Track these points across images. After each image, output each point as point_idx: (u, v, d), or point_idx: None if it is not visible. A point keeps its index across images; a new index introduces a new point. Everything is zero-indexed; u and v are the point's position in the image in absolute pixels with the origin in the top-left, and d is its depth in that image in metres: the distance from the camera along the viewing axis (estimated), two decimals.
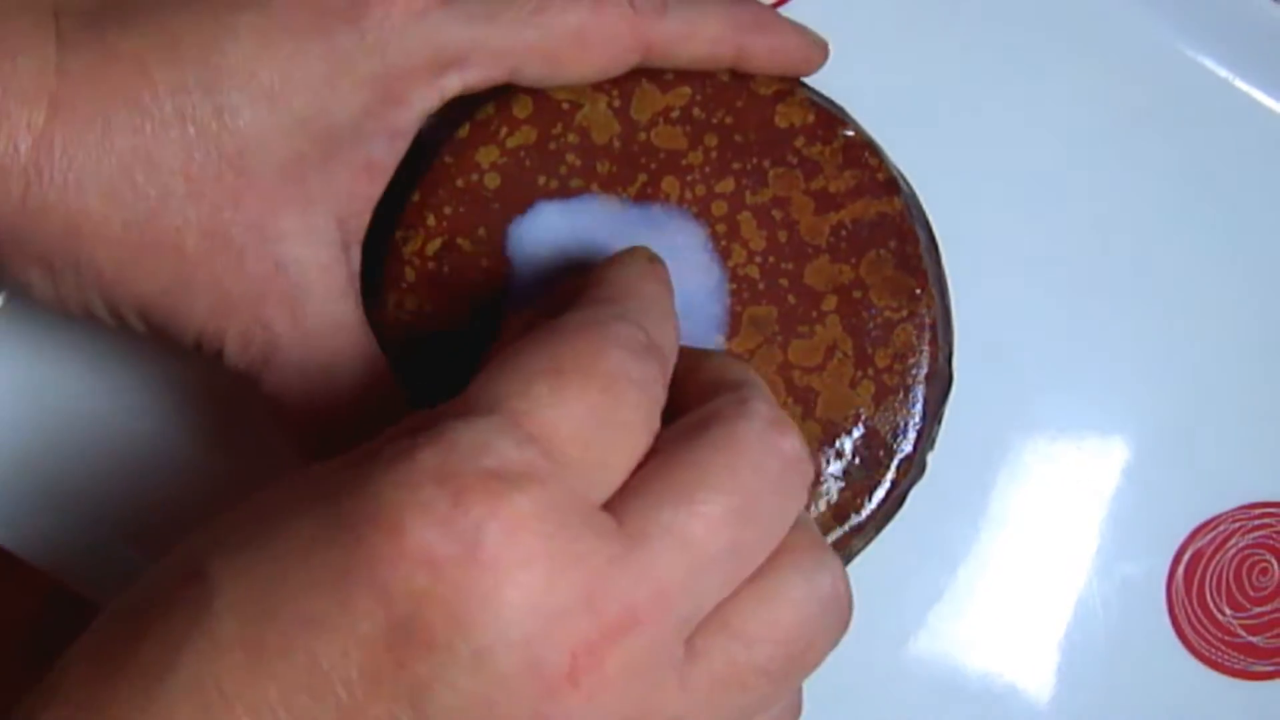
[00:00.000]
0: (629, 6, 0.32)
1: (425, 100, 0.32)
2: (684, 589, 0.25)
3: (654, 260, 0.31)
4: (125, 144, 0.30)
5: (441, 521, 0.24)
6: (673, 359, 0.29)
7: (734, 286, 0.34)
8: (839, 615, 0.28)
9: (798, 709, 0.29)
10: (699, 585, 0.25)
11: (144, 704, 0.25)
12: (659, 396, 0.27)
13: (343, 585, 0.24)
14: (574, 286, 0.30)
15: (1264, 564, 0.38)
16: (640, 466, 0.26)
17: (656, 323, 0.28)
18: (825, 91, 0.35)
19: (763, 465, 0.26)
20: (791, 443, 0.27)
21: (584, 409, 0.25)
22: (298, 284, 0.31)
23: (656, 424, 0.27)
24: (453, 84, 0.32)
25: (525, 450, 0.25)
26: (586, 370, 0.26)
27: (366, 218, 0.33)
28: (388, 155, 0.33)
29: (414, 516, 0.24)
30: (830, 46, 0.35)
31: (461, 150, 0.34)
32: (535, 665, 0.24)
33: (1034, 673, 0.38)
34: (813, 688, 0.38)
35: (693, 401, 0.27)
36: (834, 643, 0.28)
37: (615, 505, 0.25)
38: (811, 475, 0.27)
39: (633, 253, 0.31)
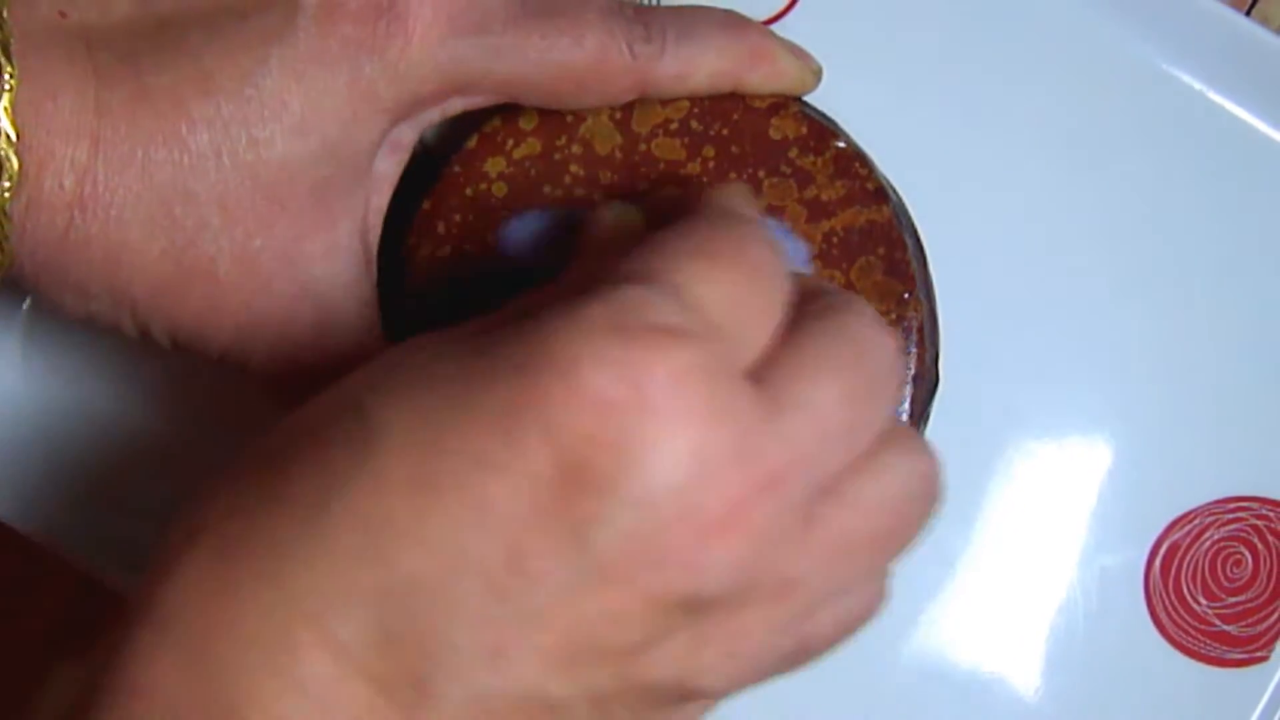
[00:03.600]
0: (629, 54, 0.33)
1: (429, 117, 0.34)
2: (814, 457, 0.27)
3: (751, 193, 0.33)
4: (164, 178, 0.30)
5: (612, 367, 0.25)
6: None
7: None
8: (933, 494, 0.29)
9: (883, 596, 0.30)
10: (824, 455, 0.27)
11: (307, 532, 0.25)
12: (789, 288, 0.28)
13: (513, 425, 0.25)
14: (676, 196, 0.32)
15: (1238, 556, 0.39)
16: (773, 344, 0.27)
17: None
18: (817, 105, 0.36)
19: (875, 354, 0.28)
20: (894, 340, 0.29)
21: (733, 288, 0.27)
22: (324, 304, 0.32)
23: (788, 306, 0.28)
24: (456, 105, 0.34)
25: (686, 313, 0.26)
26: (735, 255, 0.27)
27: (380, 229, 0.34)
28: (393, 168, 0.34)
29: (586, 360, 0.25)
30: (822, 62, 0.35)
31: (470, 161, 0.35)
32: (692, 510, 0.25)
33: (1018, 661, 0.39)
34: (806, 678, 0.39)
35: (801, 298, 0.29)
36: (927, 520, 0.29)
37: (754, 375, 0.27)
38: (905, 373, 0.29)
39: (739, 184, 0.33)
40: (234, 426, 0.39)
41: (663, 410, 0.25)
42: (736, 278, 0.27)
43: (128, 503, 0.39)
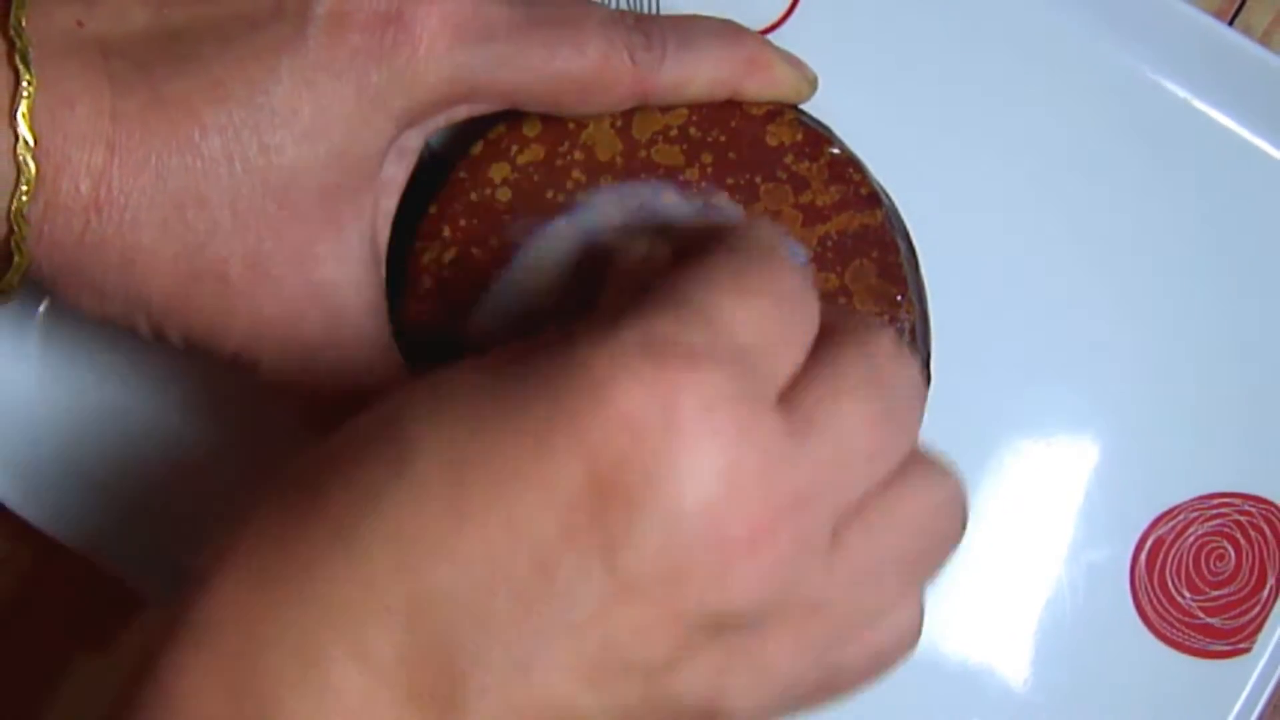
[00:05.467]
0: (630, 62, 0.34)
1: (435, 124, 0.34)
2: (839, 480, 0.27)
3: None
4: (177, 183, 0.31)
5: (644, 389, 0.25)
6: None
7: None
8: (960, 517, 0.29)
9: (916, 629, 0.30)
10: (849, 479, 0.27)
11: (341, 548, 0.25)
12: (817, 317, 0.29)
13: (545, 443, 0.25)
14: (703, 228, 0.32)
15: (1220, 550, 0.39)
16: (799, 370, 0.28)
17: None
18: (812, 112, 0.36)
19: (899, 380, 0.28)
20: (917, 368, 0.29)
21: (763, 314, 0.27)
22: (334, 306, 0.33)
23: (815, 334, 0.28)
24: (461, 112, 0.34)
25: (717, 339, 0.26)
26: (765, 283, 0.28)
27: (388, 232, 0.35)
28: (400, 173, 0.35)
29: (618, 382, 0.25)
30: (817, 70, 0.36)
31: (475, 166, 0.36)
32: (719, 531, 0.25)
33: (1008, 653, 0.39)
34: None
35: (827, 326, 0.29)
36: (955, 544, 0.29)
37: (782, 400, 0.27)
38: (926, 399, 0.29)
39: (765, 218, 0.34)
40: (249, 425, 0.39)
41: (692, 432, 0.25)
42: (767, 305, 0.27)
43: (143, 500, 0.39)
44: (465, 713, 0.25)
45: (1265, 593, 0.39)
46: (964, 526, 0.29)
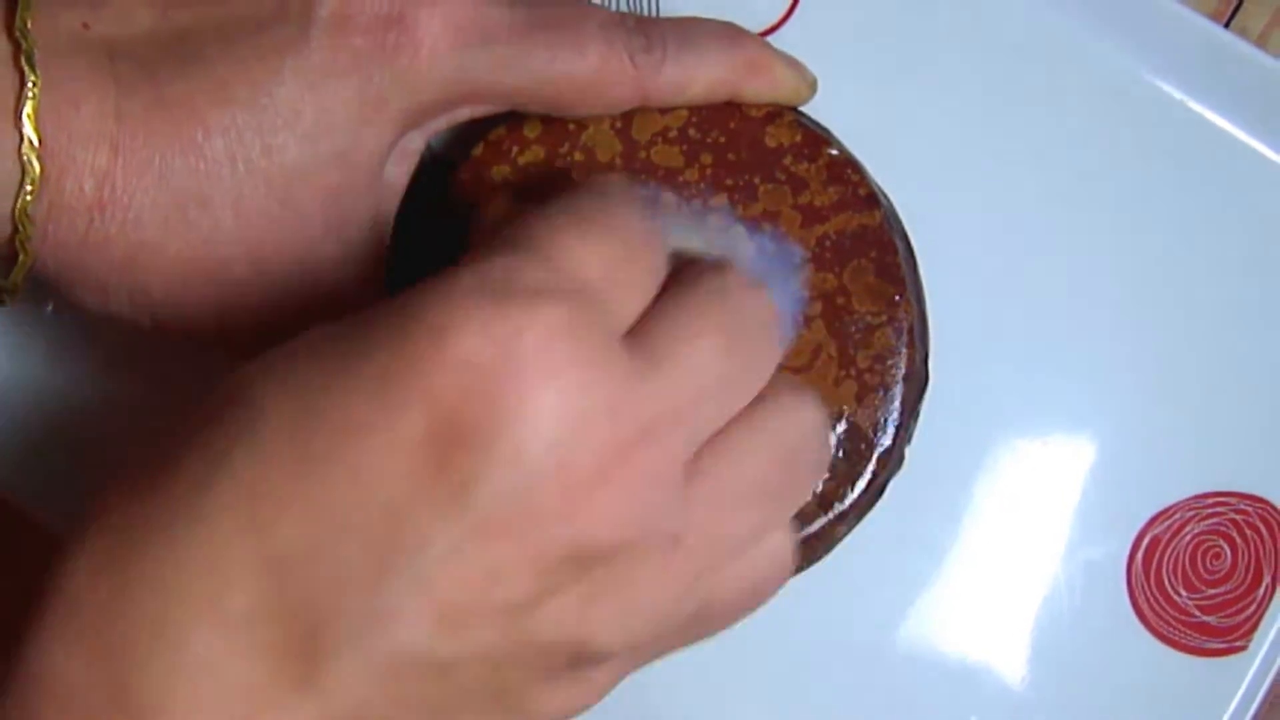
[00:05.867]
0: (630, 64, 0.34)
1: (436, 125, 0.35)
2: (690, 410, 0.27)
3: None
4: (180, 183, 0.31)
5: (481, 328, 0.25)
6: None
7: None
8: (819, 445, 0.29)
9: (787, 559, 0.30)
10: (700, 409, 0.27)
11: (192, 510, 0.25)
12: (664, 257, 0.29)
13: (386, 391, 0.25)
14: (563, 185, 0.32)
15: (1216, 549, 0.39)
16: (647, 310, 0.28)
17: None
18: (811, 113, 0.37)
19: (747, 313, 0.28)
20: (767, 299, 0.29)
21: (606, 252, 0.27)
22: (336, 306, 0.32)
23: (663, 276, 0.28)
24: (463, 114, 0.35)
25: (556, 275, 0.26)
26: (607, 222, 0.28)
27: (389, 233, 0.35)
28: (402, 174, 0.35)
29: (455, 324, 0.25)
30: (817, 72, 0.36)
31: (476, 168, 0.36)
32: (566, 465, 0.25)
33: (1005, 651, 0.39)
34: (798, 665, 0.39)
35: (676, 268, 0.29)
36: (816, 472, 0.30)
37: (628, 338, 0.27)
38: (780, 334, 0.29)
39: (619, 173, 0.34)
40: None
41: (532, 368, 0.25)
42: (609, 243, 0.27)
43: None
44: (324, 667, 0.25)
45: (1261, 591, 0.39)
46: (827, 452, 0.29)
